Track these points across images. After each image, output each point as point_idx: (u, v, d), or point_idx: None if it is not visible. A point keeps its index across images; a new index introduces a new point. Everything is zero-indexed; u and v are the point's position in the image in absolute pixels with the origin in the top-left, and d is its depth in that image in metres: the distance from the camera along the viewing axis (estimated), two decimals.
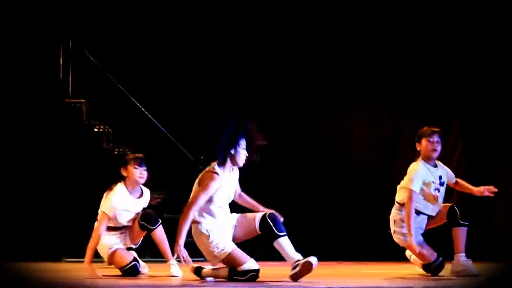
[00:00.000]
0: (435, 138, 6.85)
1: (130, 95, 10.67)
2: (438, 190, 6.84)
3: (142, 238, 7.14)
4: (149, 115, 10.65)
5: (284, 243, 6.19)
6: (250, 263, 6.18)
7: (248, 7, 10.79)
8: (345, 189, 10.81)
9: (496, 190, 6.95)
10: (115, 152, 10.60)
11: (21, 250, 9.59)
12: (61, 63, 10.57)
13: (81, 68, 10.64)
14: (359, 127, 10.98)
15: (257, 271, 6.18)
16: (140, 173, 6.95)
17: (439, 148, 6.86)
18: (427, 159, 6.88)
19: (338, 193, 10.80)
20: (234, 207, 6.46)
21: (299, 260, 6.13)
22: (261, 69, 11.01)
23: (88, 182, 9.56)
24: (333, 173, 10.85)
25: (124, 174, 7.01)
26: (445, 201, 6.96)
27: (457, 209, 6.82)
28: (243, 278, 6.15)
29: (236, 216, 6.38)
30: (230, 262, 6.21)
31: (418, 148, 6.92)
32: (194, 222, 6.22)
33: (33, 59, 10.50)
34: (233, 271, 6.21)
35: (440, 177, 6.89)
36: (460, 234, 6.79)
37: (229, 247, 6.20)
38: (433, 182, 6.83)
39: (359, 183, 10.81)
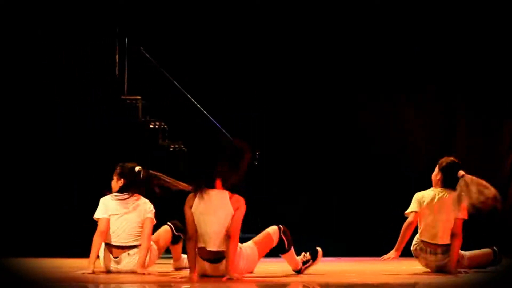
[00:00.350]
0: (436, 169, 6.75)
1: (185, 91, 10.69)
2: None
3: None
4: (204, 111, 10.66)
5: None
6: None
7: None
8: (398, 183, 10.65)
9: None
10: (171, 149, 10.65)
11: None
12: (117, 60, 10.61)
13: (136, 65, 10.69)
14: (411, 117, 10.82)
15: None
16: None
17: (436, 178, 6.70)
18: None
19: (391, 187, 10.65)
20: None
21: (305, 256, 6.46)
22: (312, 58, 10.91)
23: None
24: (385, 166, 10.72)
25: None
26: None
27: None
28: None
29: None
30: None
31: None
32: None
33: (90, 56, 10.57)
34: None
35: None
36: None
37: None
38: None
39: (412, 176, 10.64)
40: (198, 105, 10.67)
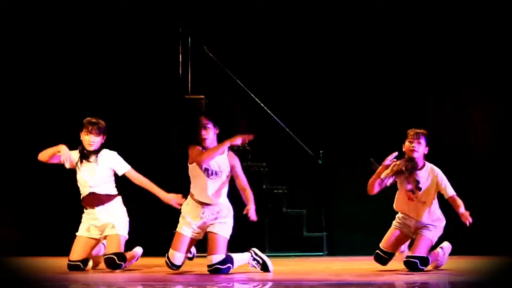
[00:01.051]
0: (415, 139, 6.90)
1: (248, 90, 10.66)
2: (413, 192, 6.89)
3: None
4: (268, 110, 10.61)
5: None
6: (174, 254, 6.60)
7: None
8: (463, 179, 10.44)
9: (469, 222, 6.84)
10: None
11: None
12: (180, 59, 10.64)
13: (200, 64, 10.71)
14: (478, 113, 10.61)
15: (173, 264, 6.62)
16: (89, 141, 6.97)
17: (417, 148, 6.90)
18: None
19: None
20: None
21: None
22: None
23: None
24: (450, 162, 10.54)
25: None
26: None
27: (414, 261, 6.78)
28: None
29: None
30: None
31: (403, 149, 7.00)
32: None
33: (153, 56, 10.63)
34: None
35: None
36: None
37: (180, 228, 6.64)
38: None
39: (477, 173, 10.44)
40: (261, 103, 10.62)
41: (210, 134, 6.69)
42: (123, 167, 7.04)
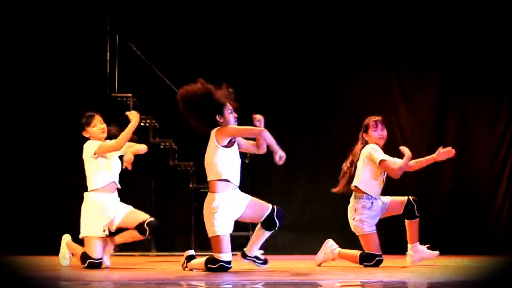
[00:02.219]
0: (380, 126, 7.32)
1: (176, 89, 10.63)
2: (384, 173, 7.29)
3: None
4: None
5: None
6: (226, 255, 6.37)
7: None
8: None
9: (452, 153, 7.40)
10: (161, 146, 10.62)
11: None
12: (108, 57, 10.57)
13: (127, 62, 10.64)
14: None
15: (229, 263, 6.39)
16: (103, 128, 7.24)
17: (385, 133, 7.35)
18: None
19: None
20: None
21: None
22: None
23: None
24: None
25: (87, 135, 7.24)
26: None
27: (414, 203, 7.22)
28: (214, 266, 6.36)
29: (248, 198, 6.54)
30: (213, 245, 6.42)
31: (366, 138, 7.35)
32: (212, 191, 6.43)
33: (80, 54, 10.55)
34: (209, 259, 6.42)
35: None
36: (415, 226, 7.28)
37: (222, 230, 6.38)
38: None
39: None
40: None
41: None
42: None
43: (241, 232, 10.10)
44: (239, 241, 10.25)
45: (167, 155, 10.60)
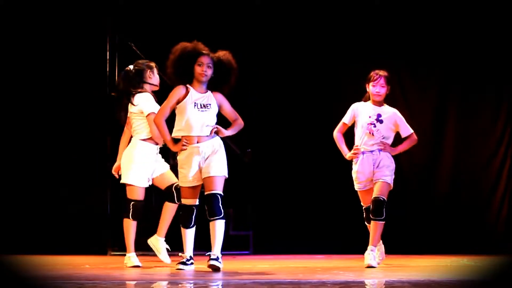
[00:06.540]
0: (380, 82, 7.49)
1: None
2: (374, 125, 7.43)
3: None
4: None
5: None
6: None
7: None
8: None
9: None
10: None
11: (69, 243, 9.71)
12: (107, 57, 10.56)
13: (127, 62, 10.62)
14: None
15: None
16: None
17: (382, 91, 7.52)
18: (373, 102, 7.61)
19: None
20: None
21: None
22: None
23: None
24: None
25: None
26: None
27: (381, 200, 7.30)
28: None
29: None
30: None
31: (367, 90, 7.64)
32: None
33: (80, 53, 10.54)
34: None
35: (379, 115, 7.47)
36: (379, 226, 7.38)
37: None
38: (369, 117, 7.50)
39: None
40: None
41: (208, 72, 6.98)
42: None
43: (241, 232, 10.12)
44: (239, 241, 10.29)
45: (167, 155, 10.58)
